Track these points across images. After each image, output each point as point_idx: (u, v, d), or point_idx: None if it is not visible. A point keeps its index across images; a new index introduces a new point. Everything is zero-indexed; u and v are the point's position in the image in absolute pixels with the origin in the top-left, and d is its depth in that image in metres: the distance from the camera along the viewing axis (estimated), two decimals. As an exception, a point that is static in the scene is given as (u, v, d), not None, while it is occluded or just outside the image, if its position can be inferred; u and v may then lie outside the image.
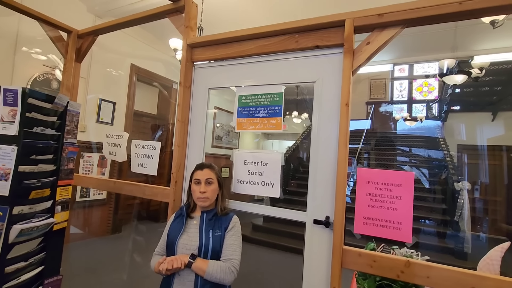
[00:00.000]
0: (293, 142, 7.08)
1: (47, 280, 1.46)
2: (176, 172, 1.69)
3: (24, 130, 1.26)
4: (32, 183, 1.30)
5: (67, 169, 1.55)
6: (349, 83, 1.29)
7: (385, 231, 1.18)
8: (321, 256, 1.32)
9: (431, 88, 8.93)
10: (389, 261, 1.15)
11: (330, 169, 1.34)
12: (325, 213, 1.33)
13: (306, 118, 7.63)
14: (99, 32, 2.21)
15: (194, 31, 1.77)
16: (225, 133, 6.96)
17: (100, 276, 2.84)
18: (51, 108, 1.41)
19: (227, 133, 7.00)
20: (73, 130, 1.58)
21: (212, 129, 6.54)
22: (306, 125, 8.01)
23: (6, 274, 1.23)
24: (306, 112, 7.55)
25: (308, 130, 7.36)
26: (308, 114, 7.51)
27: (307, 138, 7.03)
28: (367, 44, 1.29)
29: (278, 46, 1.50)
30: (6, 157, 1.21)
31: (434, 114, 8.02)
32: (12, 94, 1.23)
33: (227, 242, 1.27)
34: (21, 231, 1.24)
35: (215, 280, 1.19)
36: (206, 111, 1.73)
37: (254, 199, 5.21)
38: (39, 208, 1.38)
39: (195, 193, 1.33)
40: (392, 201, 1.18)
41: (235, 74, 1.66)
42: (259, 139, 9.22)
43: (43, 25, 2.15)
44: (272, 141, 9.58)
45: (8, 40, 3.08)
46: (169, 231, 1.34)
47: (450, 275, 1.06)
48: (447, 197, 4.88)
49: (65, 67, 2.22)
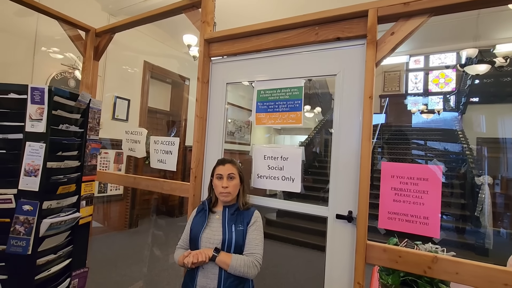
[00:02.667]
0: (305, 136, 7.02)
1: (74, 272, 1.52)
2: (195, 167, 1.71)
3: (51, 127, 1.29)
4: (59, 179, 1.34)
5: (91, 165, 1.59)
6: (372, 75, 1.25)
7: (411, 226, 1.16)
8: (343, 251, 1.31)
9: (448, 79, 8.65)
10: (416, 257, 1.13)
11: (353, 163, 1.31)
12: (347, 208, 1.31)
13: (319, 112, 7.54)
14: (116, 30, 2.23)
15: (211, 26, 1.76)
16: (237, 128, 6.97)
17: (121, 269, 2.93)
18: (75, 106, 1.44)
19: (239, 129, 7.01)
20: (95, 127, 1.62)
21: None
22: (318, 120, 7.92)
23: (38, 266, 1.28)
24: (319, 106, 7.46)
25: (321, 124, 7.28)
26: (321, 108, 7.42)
27: (320, 132, 6.96)
28: (391, 35, 1.25)
29: (297, 39, 1.47)
30: (35, 154, 1.25)
31: (451, 106, 7.77)
32: (39, 92, 1.26)
33: (249, 236, 1.28)
34: (51, 225, 1.28)
35: (238, 273, 1.20)
36: (224, 106, 1.73)
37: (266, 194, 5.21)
38: (66, 203, 1.42)
39: (217, 188, 1.33)
40: (418, 195, 1.16)
41: (253, 69, 1.65)
42: (271, 134, 9.18)
43: (63, 24, 2.19)
44: (284, 136, 9.53)
45: (28, 40, 3.17)
46: (192, 226, 1.36)
47: (481, 271, 1.03)
48: (466, 191, 4.75)
49: (84, 66, 2.26)
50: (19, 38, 3.11)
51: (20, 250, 1.22)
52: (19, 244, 1.22)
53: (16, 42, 3.08)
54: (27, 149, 1.25)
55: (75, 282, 1.52)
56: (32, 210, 1.24)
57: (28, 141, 1.26)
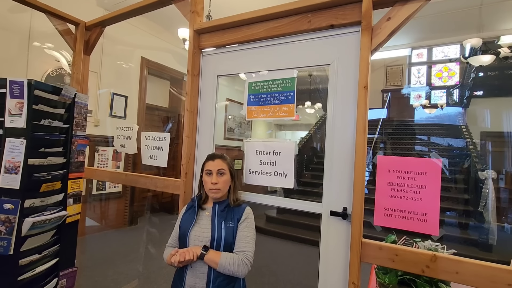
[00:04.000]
0: (306, 132, 6.94)
1: (62, 272, 1.48)
2: (186, 163, 1.65)
3: (32, 122, 1.24)
4: (42, 176, 1.29)
5: (77, 162, 1.54)
6: (367, 64, 1.18)
7: (408, 223, 1.09)
8: (338, 249, 1.25)
9: (451, 73, 8.49)
10: (413, 255, 1.07)
11: (347, 157, 1.25)
12: (342, 204, 1.25)
13: (320, 108, 7.45)
14: (106, 23, 2.17)
15: (201, 16, 1.69)
16: (237, 125, 6.90)
17: (117, 266, 2.90)
18: (59, 100, 1.39)
19: (239, 125, 6.94)
20: (81, 123, 1.56)
21: (224, 121, 6.50)
22: (319, 115, 7.83)
23: (21, 266, 1.23)
24: (319, 102, 7.36)
25: (321, 120, 7.19)
26: (322, 104, 7.33)
27: (320, 128, 6.88)
28: (388, 20, 1.18)
29: (289, 27, 1.40)
30: (15, 150, 1.20)
31: (455, 101, 7.63)
32: (18, 86, 1.21)
33: (240, 234, 1.22)
34: (34, 224, 1.24)
35: (228, 272, 1.15)
36: (215, 100, 1.67)
37: (268, 190, 5.17)
38: (51, 201, 1.37)
39: (207, 184, 1.28)
40: (416, 190, 1.09)
41: (244, 60, 1.59)
42: (272, 130, 9.12)
43: (51, 18, 2.14)
44: (285, 132, 9.46)
45: (21, 36, 3.12)
46: (181, 223, 1.31)
47: (483, 270, 0.97)
48: (469, 186, 4.66)
49: (74, 60, 2.21)
50: (13, 34, 3.06)
51: (1, 250, 1.17)
52: (0, 244, 1.18)
53: (10, 38, 3.03)
54: (7, 145, 1.21)
55: (63, 282, 1.48)
56: (13, 208, 1.20)
57: (8, 137, 1.21)
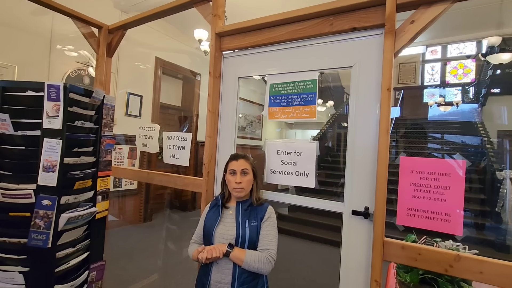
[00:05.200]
0: (317, 131, 6.92)
1: (92, 265, 1.55)
2: (208, 162, 1.70)
3: (67, 124, 1.31)
4: (76, 175, 1.37)
5: (106, 160, 1.61)
6: (390, 67, 1.20)
7: (432, 223, 1.11)
8: (360, 248, 1.28)
9: (467, 70, 8.30)
10: (436, 255, 1.09)
11: (369, 157, 1.27)
12: (364, 203, 1.27)
13: (331, 106, 7.41)
14: (128, 26, 2.24)
15: (222, 20, 1.74)
16: (248, 123, 6.95)
17: (136, 261, 3.00)
18: (89, 102, 1.46)
19: (250, 124, 6.99)
20: (109, 123, 1.63)
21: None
22: (331, 114, 7.79)
23: (58, 258, 1.31)
24: (331, 99, 7.32)
25: (333, 118, 7.16)
26: (333, 102, 7.29)
27: (332, 126, 6.85)
28: (411, 23, 1.19)
29: (311, 30, 1.43)
30: (52, 150, 1.28)
31: (470, 98, 7.46)
32: (55, 89, 1.28)
33: (263, 232, 1.27)
34: (69, 219, 1.31)
35: (252, 269, 1.20)
36: (236, 101, 1.71)
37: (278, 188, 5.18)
38: (83, 198, 1.45)
39: (231, 184, 1.32)
40: (440, 191, 1.11)
41: (265, 62, 1.62)
42: (282, 129, 9.13)
43: (76, 22, 2.22)
44: (295, 130, 9.45)
45: (43, 38, 3.24)
46: (205, 221, 1.36)
47: (507, 271, 0.98)
48: (486, 186, 4.57)
49: (98, 63, 2.29)
50: (36, 37, 3.18)
51: (41, 243, 1.25)
52: (39, 238, 1.25)
53: (33, 41, 3.15)
54: (45, 146, 1.28)
55: (93, 275, 1.56)
56: (51, 204, 1.27)
57: (46, 138, 1.28)
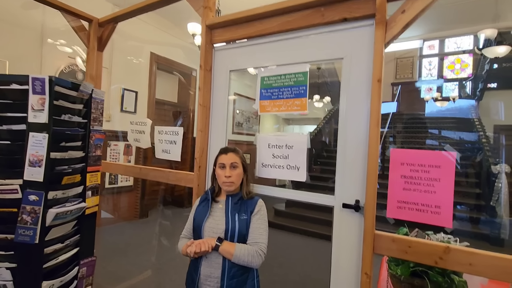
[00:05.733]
0: (315, 127, 6.92)
1: (82, 261, 1.54)
2: (199, 157, 1.69)
3: (53, 118, 1.29)
4: (63, 169, 1.35)
5: (95, 155, 1.59)
6: (381, 57, 1.18)
7: (422, 216, 1.11)
8: (350, 241, 1.27)
9: (464, 65, 8.28)
10: (426, 247, 1.08)
11: (360, 150, 1.26)
12: (354, 197, 1.26)
13: (328, 102, 7.39)
14: (119, 19, 2.20)
15: (213, 12, 1.71)
16: (245, 119, 6.92)
17: (131, 258, 2.99)
18: (77, 96, 1.43)
19: (247, 119, 6.96)
20: (98, 118, 1.61)
21: (232, 115, 6.53)
22: (328, 109, 7.77)
23: (46, 254, 1.30)
24: (328, 95, 7.30)
25: (330, 114, 7.14)
26: (330, 97, 7.27)
27: (329, 122, 6.84)
28: (402, 13, 1.17)
29: (302, 21, 1.41)
30: (38, 145, 1.25)
31: (467, 93, 7.46)
32: (40, 82, 1.25)
33: (253, 225, 1.26)
34: (57, 214, 1.29)
35: (242, 263, 1.19)
36: (227, 95, 1.69)
37: (276, 184, 5.20)
38: (71, 193, 1.43)
39: (220, 178, 1.31)
40: (430, 183, 1.10)
41: (256, 55, 1.60)
42: (280, 125, 9.11)
43: (65, 15, 2.18)
44: (293, 126, 9.43)
45: (34, 32, 3.18)
46: (195, 215, 1.35)
47: (496, 262, 0.98)
48: (481, 181, 4.59)
49: (88, 57, 2.26)
50: (27, 31, 3.13)
51: (28, 239, 1.23)
52: (26, 234, 1.23)
53: (24, 35, 3.10)
54: (31, 140, 1.25)
55: (83, 271, 1.54)
56: (38, 200, 1.25)
57: (31, 132, 1.26)
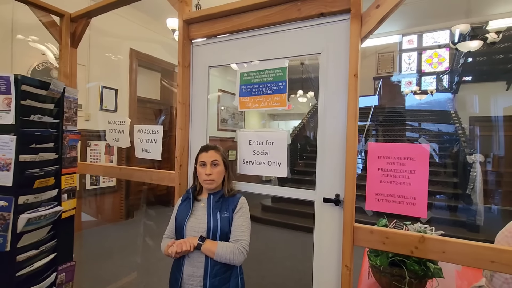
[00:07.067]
0: (299, 121, 6.97)
1: (61, 267, 1.49)
2: (180, 155, 1.66)
3: (21, 118, 1.22)
4: (34, 173, 1.29)
5: (70, 157, 1.53)
6: (357, 52, 1.19)
7: (398, 207, 1.13)
8: (331, 234, 1.29)
9: (441, 59, 8.57)
10: (403, 237, 1.11)
11: (339, 145, 1.27)
12: (334, 191, 1.28)
13: (312, 96, 7.46)
14: (92, 14, 2.11)
15: (190, 6, 1.67)
16: (230, 115, 6.88)
17: (116, 260, 2.92)
18: (47, 95, 1.37)
19: (232, 116, 6.92)
20: (72, 117, 1.55)
21: (217, 112, 6.47)
22: (312, 104, 7.85)
23: (19, 262, 1.24)
24: (312, 90, 7.37)
25: (314, 109, 7.22)
26: (314, 92, 7.34)
27: (313, 117, 6.91)
28: (377, 8, 1.18)
29: (279, 16, 1.39)
30: (5, 147, 1.19)
31: (444, 86, 7.73)
32: (4, 81, 1.18)
33: (235, 223, 1.25)
34: (29, 220, 1.24)
35: (224, 261, 1.18)
36: (207, 91, 1.66)
37: (262, 180, 5.22)
38: (45, 197, 1.37)
39: (201, 176, 1.29)
40: (405, 175, 1.13)
41: (235, 50, 1.57)
42: (266, 120, 9.12)
43: (34, 9, 2.07)
44: (278, 121, 9.48)
45: (3, 28, 3.01)
46: (177, 215, 1.33)
47: (467, 249, 1.02)
48: (458, 170, 4.79)
49: (61, 54, 2.15)
50: (-6, 27, 2.95)
51: (-2, 246, 1.18)
52: (-4, 241, 1.18)
53: (-9, 31, 2.93)
54: (-3, 142, 1.19)
55: (62, 276, 1.49)
56: (7, 205, 1.19)
57: (-3, 134, 1.19)
